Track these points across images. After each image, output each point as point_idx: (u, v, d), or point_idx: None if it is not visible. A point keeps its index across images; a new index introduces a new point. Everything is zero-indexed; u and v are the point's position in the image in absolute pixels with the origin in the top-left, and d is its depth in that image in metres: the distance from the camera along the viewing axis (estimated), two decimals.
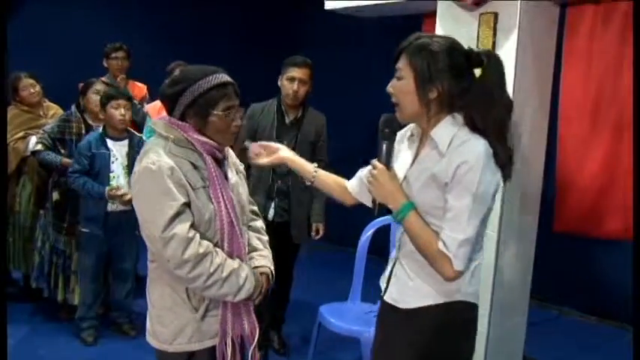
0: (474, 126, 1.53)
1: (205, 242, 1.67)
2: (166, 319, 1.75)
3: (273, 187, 3.20)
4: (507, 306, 2.77)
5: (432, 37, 1.59)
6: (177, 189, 1.63)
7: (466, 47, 1.59)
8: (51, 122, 3.64)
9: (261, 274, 1.83)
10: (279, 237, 3.21)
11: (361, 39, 4.94)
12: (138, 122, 4.15)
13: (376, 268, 2.11)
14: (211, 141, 1.72)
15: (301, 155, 1.99)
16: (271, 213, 3.23)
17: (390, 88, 1.61)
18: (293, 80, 3.11)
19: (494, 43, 2.57)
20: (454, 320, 1.61)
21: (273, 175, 3.16)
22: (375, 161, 1.61)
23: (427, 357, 1.61)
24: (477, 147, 1.49)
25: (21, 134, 3.76)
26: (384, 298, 1.73)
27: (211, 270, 1.65)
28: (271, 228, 3.02)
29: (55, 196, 3.51)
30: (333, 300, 3.11)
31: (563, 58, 2.86)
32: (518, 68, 2.55)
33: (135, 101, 4.11)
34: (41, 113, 3.88)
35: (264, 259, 1.88)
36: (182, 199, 1.64)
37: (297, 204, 3.25)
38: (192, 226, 1.66)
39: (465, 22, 2.68)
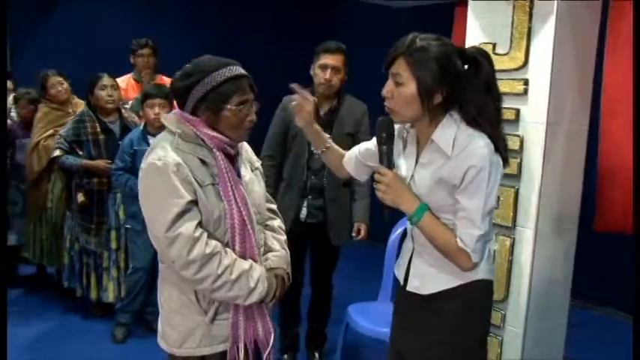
0: (472, 121, 1.58)
1: (213, 242, 1.59)
2: (175, 321, 1.69)
3: (307, 183, 2.99)
4: (545, 306, 2.62)
5: (428, 40, 1.57)
6: (183, 186, 1.55)
7: (458, 46, 1.62)
8: (66, 126, 3.61)
9: (276, 276, 1.73)
10: (314, 240, 3.14)
11: (394, 28, 4.83)
12: None
13: None
14: (223, 136, 1.64)
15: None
16: (304, 212, 3.01)
17: (387, 93, 1.60)
18: (325, 68, 2.88)
19: (529, 30, 2.41)
20: (474, 298, 1.70)
21: (307, 170, 2.97)
22: (380, 167, 1.65)
23: (451, 338, 1.68)
24: (481, 148, 1.54)
25: (50, 132, 3.79)
26: (407, 288, 1.77)
27: (219, 271, 1.57)
28: (303, 229, 3.02)
29: (80, 197, 3.51)
30: (365, 297, 3.02)
31: (607, 46, 2.68)
32: (556, 58, 2.39)
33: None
34: (70, 110, 3.90)
35: (279, 259, 1.79)
36: (188, 197, 1.56)
37: (333, 202, 3.02)
38: (200, 225, 1.58)
39: (499, 9, 2.54)
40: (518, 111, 2.46)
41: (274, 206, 1.95)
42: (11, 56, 5.33)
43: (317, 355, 3.30)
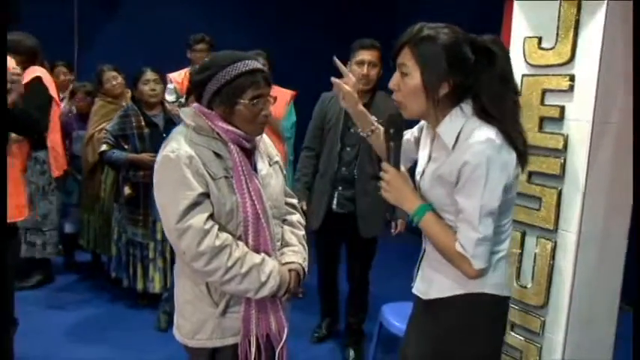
0: (483, 113, 1.49)
1: (224, 235, 1.60)
2: (187, 312, 1.71)
3: (338, 174, 3.10)
4: (589, 315, 2.48)
5: (436, 29, 1.49)
6: (195, 178, 1.57)
7: (470, 35, 1.52)
8: (112, 121, 3.71)
9: (290, 270, 1.72)
10: (345, 231, 3.18)
11: (441, 17, 4.73)
12: None
13: None
14: (238, 130, 1.64)
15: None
16: (335, 203, 3.13)
17: (393, 85, 1.55)
18: (362, 64, 3.03)
19: (577, 23, 2.29)
20: (475, 312, 1.58)
21: (339, 162, 3.08)
22: (384, 164, 1.60)
23: (449, 347, 1.59)
24: (480, 143, 1.44)
25: (104, 124, 3.91)
26: (412, 290, 1.73)
27: (229, 264, 1.58)
28: (335, 219, 3.12)
29: (127, 190, 3.60)
30: (405, 295, 2.94)
31: None
32: (605, 52, 2.25)
33: None
34: (124, 104, 4.01)
35: (295, 254, 1.78)
36: (199, 189, 1.57)
37: (363, 194, 3.08)
38: (212, 217, 1.59)
39: (546, 1, 2.42)
40: (562, 108, 2.34)
41: (294, 201, 1.94)
42: (77, 50, 5.60)
43: (352, 352, 3.31)
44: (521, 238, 2.52)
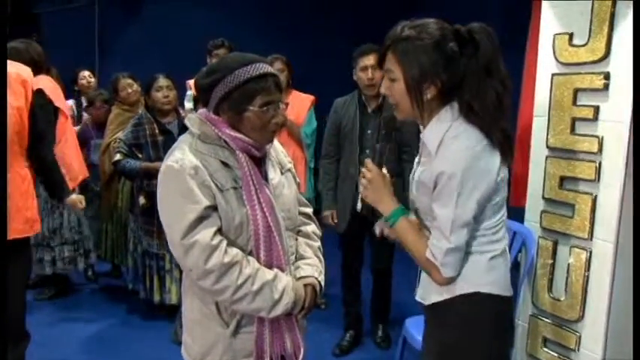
0: (469, 111, 1.42)
1: (234, 251, 1.49)
2: (196, 333, 1.60)
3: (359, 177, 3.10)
4: (629, 330, 2.31)
5: (417, 27, 1.42)
6: (200, 190, 1.46)
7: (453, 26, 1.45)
8: (125, 129, 3.64)
9: (305, 285, 1.61)
10: (370, 232, 3.11)
11: (466, 17, 4.60)
12: None
13: None
14: (246, 137, 1.53)
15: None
16: (359, 205, 3.06)
17: (385, 90, 1.49)
18: (366, 69, 3.11)
19: (612, 16, 2.13)
20: (475, 312, 1.53)
21: (359, 165, 3.06)
22: (368, 161, 1.58)
23: (452, 350, 1.56)
24: (459, 152, 1.39)
25: (121, 133, 3.85)
26: (415, 297, 1.70)
27: (239, 282, 1.47)
28: (360, 220, 3.10)
29: (142, 200, 3.52)
30: None
31: None
32: None
33: None
34: (140, 112, 3.96)
35: (310, 268, 1.66)
36: (205, 202, 1.46)
37: None
38: (220, 232, 1.49)
39: None
40: (597, 108, 2.18)
41: (309, 210, 1.82)
42: (98, 58, 5.60)
43: (381, 327, 3.47)
44: (553, 247, 2.37)
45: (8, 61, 2.46)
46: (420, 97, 1.42)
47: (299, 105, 3.99)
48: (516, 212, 2.62)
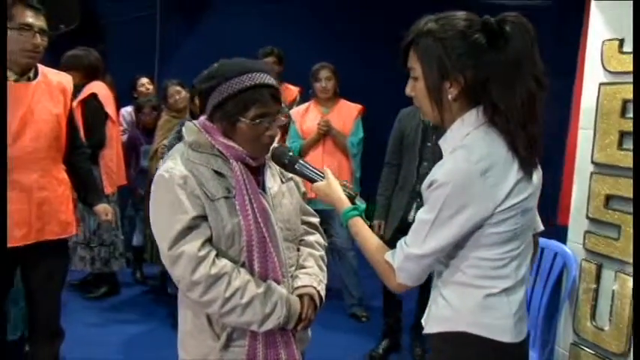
0: (495, 111, 1.24)
1: (222, 262, 1.44)
2: (188, 345, 1.57)
3: (416, 187, 3.06)
4: None
5: (440, 20, 1.27)
6: (189, 200, 1.43)
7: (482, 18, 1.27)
8: (170, 135, 3.66)
9: (302, 296, 1.54)
10: None
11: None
12: (283, 126, 4.12)
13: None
14: (240, 147, 1.49)
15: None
16: (412, 215, 3.11)
17: (409, 92, 1.35)
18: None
19: None
20: (460, 353, 1.35)
21: (417, 176, 3.10)
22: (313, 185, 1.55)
23: None
24: (458, 162, 1.23)
25: None
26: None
27: (227, 294, 1.41)
28: (404, 231, 2.94)
29: None
30: None
31: None
32: None
33: (282, 105, 4.10)
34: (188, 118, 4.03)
35: (309, 277, 1.58)
36: (193, 212, 1.43)
37: None
38: (209, 242, 1.44)
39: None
40: None
41: (315, 220, 1.75)
42: (158, 65, 5.78)
43: (419, 341, 3.34)
44: (597, 271, 2.18)
45: (52, 70, 2.56)
46: (440, 97, 1.27)
47: (346, 114, 3.94)
48: (561, 232, 2.45)
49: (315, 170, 1.57)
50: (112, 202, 3.85)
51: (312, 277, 1.59)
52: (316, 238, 1.71)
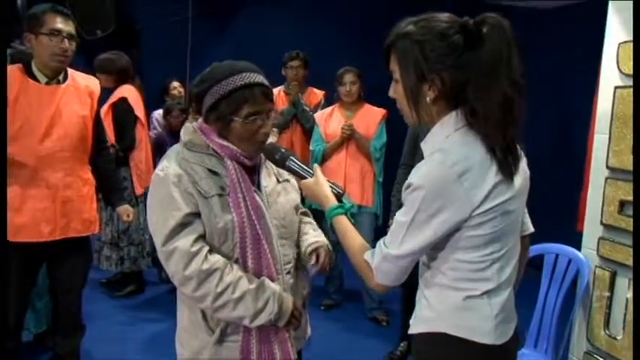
0: (473, 114, 1.23)
1: (215, 258, 1.48)
2: (184, 339, 1.61)
3: None
4: None
5: (420, 22, 1.27)
6: (182, 198, 1.48)
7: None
8: None
9: (318, 248, 1.62)
10: None
11: (539, 32, 4.31)
12: (308, 129, 4.15)
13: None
14: (235, 147, 1.54)
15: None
16: None
17: (391, 94, 1.35)
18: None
19: None
20: (441, 354, 1.36)
21: None
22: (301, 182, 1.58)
23: None
24: (433, 166, 1.23)
25: None
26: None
27: (219, 289, 1.45)
28: None
29: None
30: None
31: None
32: None
33: (306, 108, 4.14)
34: None
35: (317, 233, 1.70)
36: (186, 209, 1.47)
37: None
38: (202, 239, 1.49)
39: None
40: None
41: (310, 219, 1.81)
42: (189, 69, 5.91)
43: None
44: (610, 279, 2.14)
45: (81, 74, 2.67)
46: (418, 99, 1.27)
47: (370, 118, 3.94)
48: (576, 237, 2.41)
49: (304, 168, 1.59)
50: (141, 202, 3.96)
51: (318, 232, 1.70)
52: (309, 219, 1.79)
